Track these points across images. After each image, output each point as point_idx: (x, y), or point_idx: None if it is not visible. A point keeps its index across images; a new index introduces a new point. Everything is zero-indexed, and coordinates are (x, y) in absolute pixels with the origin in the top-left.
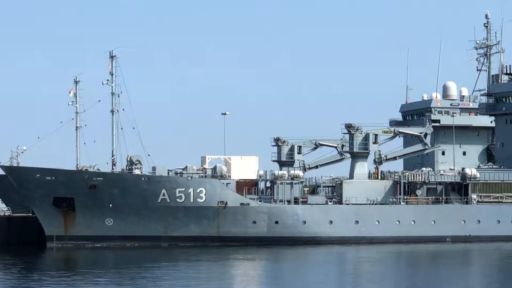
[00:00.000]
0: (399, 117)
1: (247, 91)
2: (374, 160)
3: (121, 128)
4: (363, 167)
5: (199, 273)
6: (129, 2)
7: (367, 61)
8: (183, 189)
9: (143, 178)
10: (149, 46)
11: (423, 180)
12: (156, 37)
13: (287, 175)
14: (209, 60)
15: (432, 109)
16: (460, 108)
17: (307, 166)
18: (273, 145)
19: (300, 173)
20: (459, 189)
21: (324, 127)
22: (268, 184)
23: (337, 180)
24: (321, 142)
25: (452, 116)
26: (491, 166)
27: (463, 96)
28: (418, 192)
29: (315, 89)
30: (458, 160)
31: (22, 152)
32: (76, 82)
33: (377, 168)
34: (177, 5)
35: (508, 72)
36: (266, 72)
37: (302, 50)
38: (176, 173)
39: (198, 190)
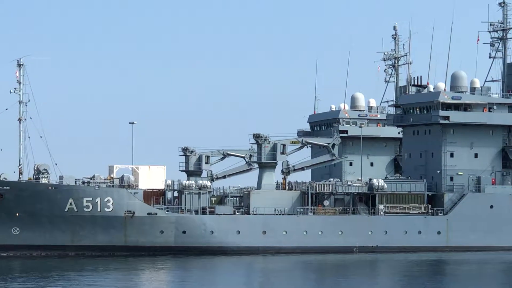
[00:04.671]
0: (307, 127)
1: (155, 101)
2: (282, 170)
3: (29, 137)
4: (271, 178)
5: (105, 283)
6: (39, 11)
7: (276, 71)
8: (90, 199)
9: (50, 187)
10: (57, 55)
11: (330, 190)
12: (64, 46)
13: (194, 185)
14: (118, 69)
15: (340, 120)
16: (368, 119)
17: (215, 176)
18: (181, 155)
19: (208, 183)
20: (367, 199)
21: (232, 137)
22: (176, 194)
23: (245, 190)
24: (229, 152)
25: (360, 127)
26: (398, 177)
27: (371, 107)
28: (326, 202)
29: (223, 98)
30: (366, 171)
31: None
32: None
33: (284, 179)
34: (85, 15)
35: (416, 83)
36: (174, 81)
37: (210, 57)
38: (83, 182)
39: (105, 200)
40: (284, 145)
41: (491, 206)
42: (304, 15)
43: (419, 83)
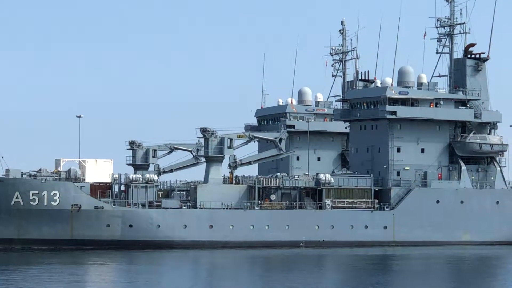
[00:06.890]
0: (254, 122)
1: (102, 94)
2: (229, 164)
3: None
4: (218, 172)
5: (51, 277)
6: None
7: (223, 65)
8: (37, 192)
9: None
10: (5, 47)
11: (277, 185)
12: (8, 36)
13: (141, 179)
14: (65, 62)
15: (287, 114)
16: (315, 113)
17: (162, 170)
18: (128, 149)
19: (155, 177)
20: (313, 194)
21: (180, 131)
22: (123, 188)
23: (191, 184)
24: (176, 146)
25: (307, 121)
26: (345, 172)
27: (318, 101)
28: (273, 197)
29: (171, 92)
30: (313, 166)
31: None
32: None
33: (231, 173)
34: (31, 5)
35: (363, 78)
36: (121, 75)
37: (158, 52)
38: (30, 176)
39: (52, 193)
40: (231, 139)
41: (437, 201)
42: (251, 9)
43: (367, 78)
